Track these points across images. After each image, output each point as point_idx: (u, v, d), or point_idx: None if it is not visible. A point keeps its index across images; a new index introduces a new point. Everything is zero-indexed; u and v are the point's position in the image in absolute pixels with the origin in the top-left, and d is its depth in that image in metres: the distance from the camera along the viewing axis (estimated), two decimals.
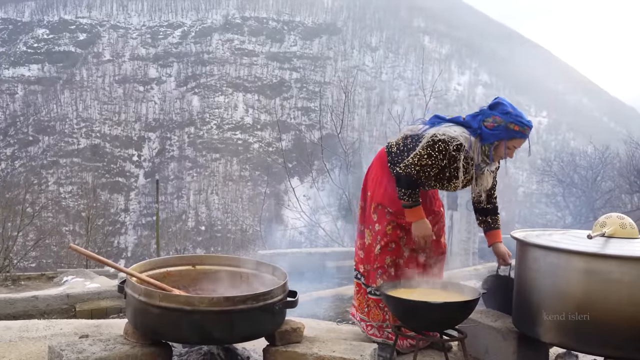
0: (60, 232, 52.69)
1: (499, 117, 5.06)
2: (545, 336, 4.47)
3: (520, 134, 5.01)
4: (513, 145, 5.09)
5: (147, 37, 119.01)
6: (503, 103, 5.12)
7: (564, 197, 32.92)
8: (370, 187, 5.71)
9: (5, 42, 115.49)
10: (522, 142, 5.10)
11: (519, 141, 5.08)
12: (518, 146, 5.12)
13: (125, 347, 4.11)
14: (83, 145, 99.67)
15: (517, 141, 5.07)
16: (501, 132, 5.04)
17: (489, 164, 5.25)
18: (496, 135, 5.06)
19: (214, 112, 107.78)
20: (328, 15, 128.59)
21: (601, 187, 31.97)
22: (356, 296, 5.92)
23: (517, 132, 5.00)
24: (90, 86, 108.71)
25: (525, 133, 5.03)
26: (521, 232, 4.89)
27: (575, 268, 4.23)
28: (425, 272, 5.51)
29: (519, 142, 5.09)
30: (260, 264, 5.01)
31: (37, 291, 11.01)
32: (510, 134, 5.03)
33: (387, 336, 5.59)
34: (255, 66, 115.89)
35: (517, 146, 5.11)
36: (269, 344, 4.40)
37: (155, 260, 4.95)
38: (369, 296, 5.68)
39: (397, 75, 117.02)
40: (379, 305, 5.58)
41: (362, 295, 5.80)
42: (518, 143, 5.09)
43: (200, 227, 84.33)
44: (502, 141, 5.08)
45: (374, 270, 5.57)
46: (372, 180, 5.70)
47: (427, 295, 4.73)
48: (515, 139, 5.05)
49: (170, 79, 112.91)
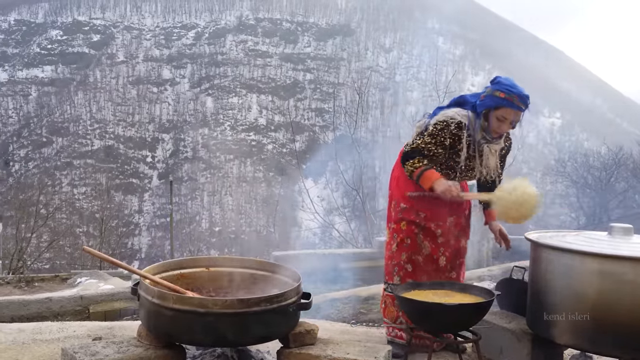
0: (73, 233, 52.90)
1: (490, 87, 5.07)
2: (559, 338, 4.44)
3: (507, 101, 4.92)
4: (502, 115, 5.00)
5: (160, 39, 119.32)
6: (499, 77, 5.13)
7: (578, 197, 32.88)
8: (391, 185, 5.73)
9: (19, 43, 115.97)
10: (511, 113, 4.97)
11: (507, 110, 4.97)
12: (509, 117, 4.99)
13: (138, 349, 4.10)
14: (97, 146, 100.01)
15: (505, 110, 4.98)
16: (489, 100, 5.02)
17: (490, 141, 5.21)
18: (485, 104, 5.05)
19: (228, 113, 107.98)
20: (342, 16, 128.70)
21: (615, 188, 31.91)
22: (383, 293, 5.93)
23: (502, 99, 4.93)
24: (104, 87, 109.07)
25: (513, 101, 4.91)
26: (535, 234, 4.85)
27: (589, 269, 4.20)
28: (443, 275, 5.51)
29: (508, 112, 4.98)
30: (274, 266, 4.99)
31: (51, 293, 11.00)
32: (497, 102, 4.97)
33: (396, 334, 5.63)
34: (269, 67, 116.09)
35: (508, 117, 4.99)
36: (283, 345, 4.37)
37: (168, 262, 4.95)
38: (386, 292, 5.70)
39: (411, 76, 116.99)
40: (394, 303, 5.57)
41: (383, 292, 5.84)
42: (507, 113, 4.98)
43: (214, 229, 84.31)
44: (490, 110, 5.05)
45: (391, 266, 5.59)
46: (392, 178, 5.73)
47: (440, 296, 4.71)
48: (502, 108, 4.97)
49: (184, 80, 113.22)
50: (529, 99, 4.98)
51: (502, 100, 4.95)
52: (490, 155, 5.27)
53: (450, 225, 5.51)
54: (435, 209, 5.37)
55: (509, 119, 5.00)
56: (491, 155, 5.28)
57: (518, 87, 4.96)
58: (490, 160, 5.30)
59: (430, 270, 5.47)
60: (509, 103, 4.93)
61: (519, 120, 5.09)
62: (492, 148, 5.26)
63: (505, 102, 4.94)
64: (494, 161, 5.33)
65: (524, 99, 4.93)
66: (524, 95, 4.93)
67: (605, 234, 4.57)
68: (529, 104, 4.99)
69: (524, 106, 4.97)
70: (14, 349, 5.30)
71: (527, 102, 4.96)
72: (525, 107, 4.98)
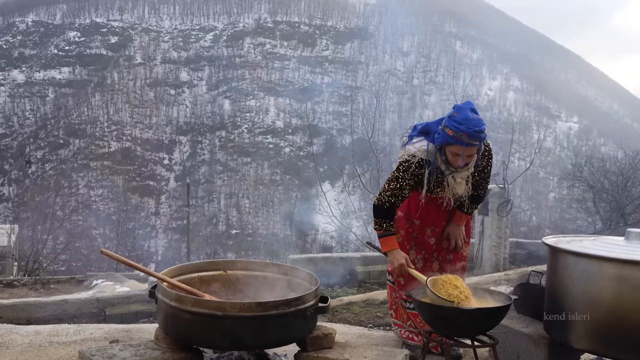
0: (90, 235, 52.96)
1: (444, 120, 5.04)
2: (576, 342, 4.44)
3: (454, 139, 4.90)
4: (454, 151, 5.00)
5: (178, 41, 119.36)
6: (456, 107, 5.06)
7: (595, 202, 32.72)
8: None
9: (37, 44, 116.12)
10: (462, 149, 4.93)
11: (457, 147, 4.95)
12: (460, 152, 4.96)
13: (156, 352, 4.13)
14: (114, 148, 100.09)
15: (455, 147, 4.96)
16: (441, 136, 5.01)
17: (455, 171, 5.19)
18: (439, 140, 5.04)
19: (245, 116, 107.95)
20: (360, 19, 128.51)
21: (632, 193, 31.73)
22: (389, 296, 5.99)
23: (450, 136, 4.92)
24: (122, 89, 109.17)
25: (461, 139, 4.88)
26: (552, 238, 4.85)
27: (606, 274, 4.19)
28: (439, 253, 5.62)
29: (458, 148, 4.95)
30: (292, 269, 5.02)
31: (67, 295, 11.03)
32: (446, 139, 4.97)
33: (407, 336, 5.70)
34: (286, 70, 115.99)
35: (459, 152, 4.97)
36: (301, 349, 4.40)
37: (186, 265, 4.98)
38: (394, 295, 5.77)
39: (428, 80, 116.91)
40: (404, 306, 5.64)
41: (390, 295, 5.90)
42: (458, 149, 4.96)
43: (230, 231, 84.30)
44: (443, 145, 5.04)
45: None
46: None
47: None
48: (451, 144, 4.97)
49: (201, 82, 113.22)
50: (482, 132, 4.90)
51: (450, 138, 4.94)
52: (455, 184, 5.25)
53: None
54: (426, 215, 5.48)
55: (461, 154, 4.96)
56: (456, 184, 5.26)
57: (468, 123, 4.87)
58: (458, 188, 5.28)
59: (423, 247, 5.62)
60: (457, 141, 4.91)
61: (476, 153, 5.07)
62: (457, 177, 5.23)
63: (453, 140, 4.93)
64: (463, 187, 5.31)
65: (473, 136, 4.87)
66: (473, 132, 4.86)
67: (622, 239, 4.58)
68: (483, 137, 4.93)
69: (476, 141, 4.91)
70: (30, 351, 5.32)
71: (478, 137, 4.89)
72: (478, 141, 4.92)
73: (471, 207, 5.59)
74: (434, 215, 5.50)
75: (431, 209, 5.46)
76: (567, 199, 49.31)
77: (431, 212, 5.47)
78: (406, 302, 5.67)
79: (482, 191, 5.55)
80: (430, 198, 5.39)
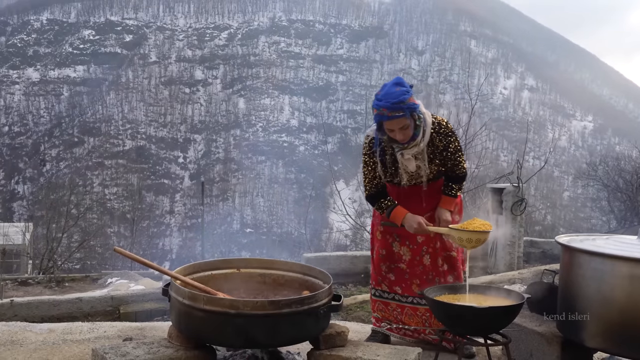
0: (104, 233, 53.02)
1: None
2: (589, 341, 4.40)
3: (378, 116, 4.93)
4: (387, 127, 5.00)
5: (193, 39, 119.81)
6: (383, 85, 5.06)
7: (609, 201, 32.65)
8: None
9: (51, 43, 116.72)
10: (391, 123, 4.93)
11: (387, 122, 4.95)
12: (393, 127, 4.94)
13: (169, 350, 4.12)
14: (128, 146, 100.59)
15: (386, 123, 4.96)
16: (374, 116, 5.03)
17: (403, 147, 5.16)
18: (374, 120, 5.09)
19: (260, 115, 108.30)
20: (375, 18, 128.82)
21: None
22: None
23: (377, 115, 4.95)
24: (136, 87, 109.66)
25: (382, 114, 4.89)
26: (566, 237, 4.81)
27: (619, 273, 4.16)
28: (435, 272, 5.54)
29: (388, 124, 4.95)
30: (306, 267, 5.01)
31: (81, 293, 11.04)
32: (376, 118, 5.01)
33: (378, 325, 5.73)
34: (301, 69, 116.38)
35: (392, 127, 4.95)
36: (314, 347, 4.38)
37: (199, 263, 4.96)
38: (373, 297, 5.80)
39: (443, 79, 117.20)
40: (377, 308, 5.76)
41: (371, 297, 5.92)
42: (388, 124, 4.95)
43: (245, 230, 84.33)
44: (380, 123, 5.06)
45: (374, 276, 5.73)
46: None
47: (470, 300, 4.73)
48: (384, 122, 4.98)
49: (216, 81, 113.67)
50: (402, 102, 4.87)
51: (377, 116, 4.97)
52: (404, 160, 5.23)
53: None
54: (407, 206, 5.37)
55: (394, 129, 4.97)
56: (405, 161, 5.23)
57: (387, 97, 4.87)
58: (408, 164, 5.25)
59: (418, 272, 5.54)
60: (380, 117, 4.93)
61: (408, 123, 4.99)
62: (406, 154, 5.19)
63: (379, 117, 4.95)
64: (413, 164, 5.25)
65: (393, 108, 4.85)
66: (391, 105, 4.85)
67: (635, 237, 4.54)
68: (404, 107, 4.87)
69: (398, 112, 4.87)
70: (44, 349, 5.32)
71: (399, 107, 4.86)
72: (401, 111, 4.89)
73: (453, 188, 5.49)
74: (415, 205, 5.41)
75: (412, 199, 5.42)
76: (581, 198, 49.19)
77: (412, 203, 5.41)
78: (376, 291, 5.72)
79: (459, 170, 5.45)
80: (408, 189, 5.39)
